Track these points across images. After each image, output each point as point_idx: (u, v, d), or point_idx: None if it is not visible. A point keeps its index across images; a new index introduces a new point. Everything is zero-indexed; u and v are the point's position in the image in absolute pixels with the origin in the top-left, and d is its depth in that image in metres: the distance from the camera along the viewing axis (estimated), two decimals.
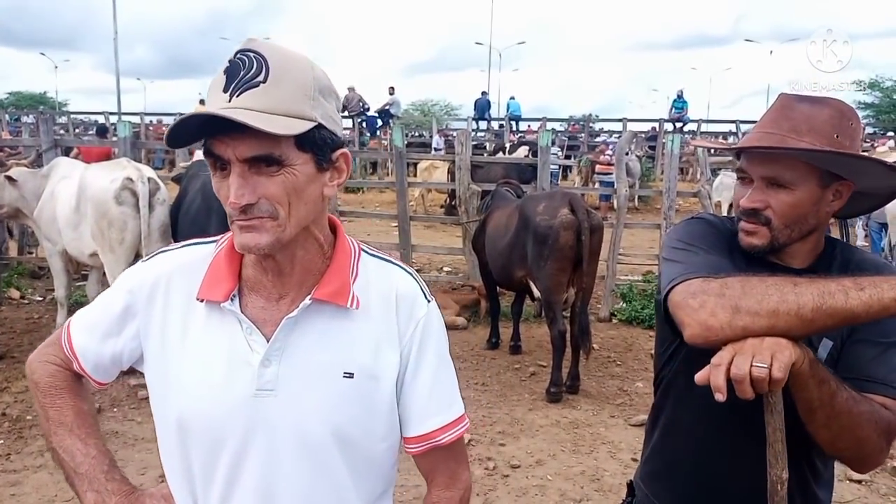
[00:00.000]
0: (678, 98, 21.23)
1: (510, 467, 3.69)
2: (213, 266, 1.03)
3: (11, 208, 5.50)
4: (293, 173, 0.93)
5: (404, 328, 1.05)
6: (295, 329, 1.00)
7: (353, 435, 1.02)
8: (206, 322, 1.02)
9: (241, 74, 0.90)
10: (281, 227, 0.94)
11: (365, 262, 1.08)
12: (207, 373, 1.00)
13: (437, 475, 1.13)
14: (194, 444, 1.02)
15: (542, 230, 4.64)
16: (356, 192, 15.16)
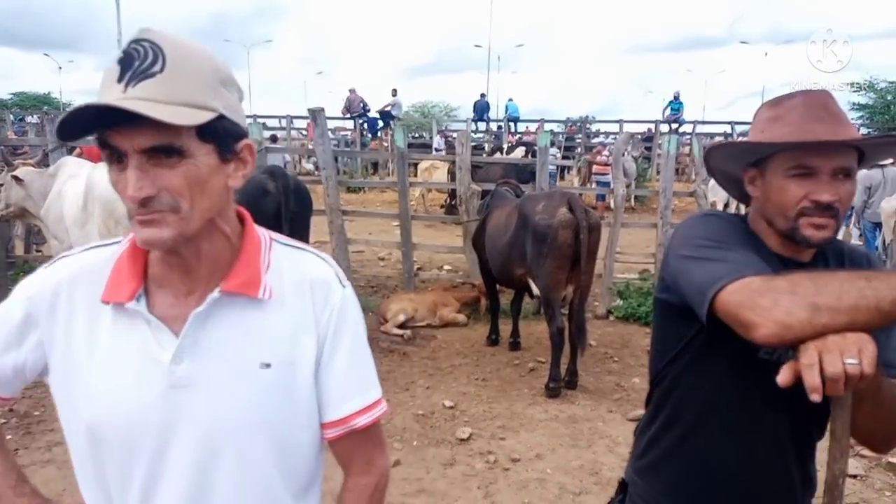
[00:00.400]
0: (674, 100, 21.32)
1: (510, 461, 3.78)
2: (117, 267, 1.00)
3: (18, 207, 5.56)
4: (195, 164, 0.90)
5: (320, 314, 1.04)
6: (206, 323, 0.97)
7: (274, 425, 1.00)
8: (113, 325, 0.98)
9: (136, 65, 0.87)
10: (184, 220, 0.91)
11: (277, 252, 1.06)
12: (116, 376, 0.97)
13: (353, 461, 1.12)
14: (108, 450, 0.98)
15: (541, 229, 4.73)
16: (358, 192, 15.25)
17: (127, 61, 0.87)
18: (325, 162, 6.91)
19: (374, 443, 1.12)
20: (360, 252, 9.00)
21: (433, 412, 4.41)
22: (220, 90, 0.92)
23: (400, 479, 3.56)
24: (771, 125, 1.25)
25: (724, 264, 1.15)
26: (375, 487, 1.12)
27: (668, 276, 1.30)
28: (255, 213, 4.25)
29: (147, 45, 0.87)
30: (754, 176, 1.30)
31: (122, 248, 1.02)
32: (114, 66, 0.88)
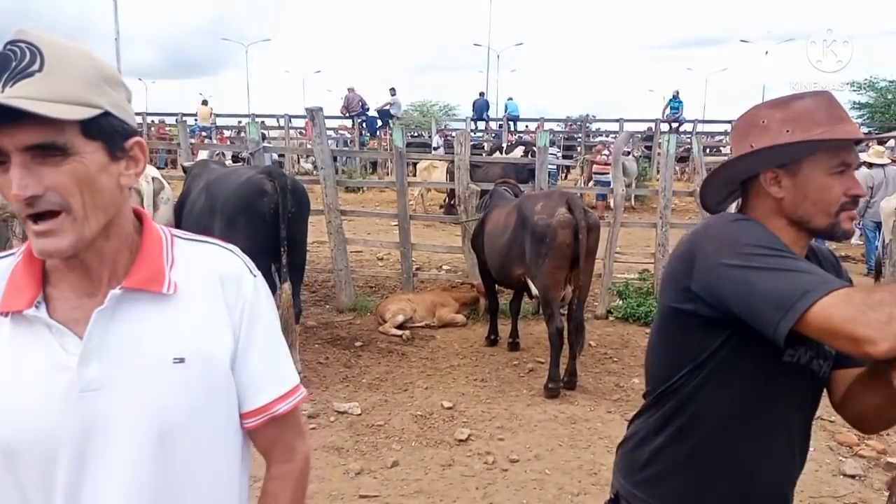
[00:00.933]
0: (673, 98, 21.30)
1: (509, 461, 3.77)
2: (13, 277, 0.98)
3: (6, 213, 5.57)
4: (81, 162, 0.89)
5: (233, 305, 1.04)
6: (111, 322, 0.96)
7: (195, 419, 1.00)
8: (13, 336, 0.95)
9: (14, 65, 0.86)
10: (78, 222, 0.90)
11: (180, 247, 1.05)
12: (24, 388, 0.94)
13: (275, 450, 1.13)
14: (25, 466, 0.95)
15: (540, 229, 4.72)
16: (356, 192, 15.23)
17: (3, 62, 0.86)
18: (324, 161, 6.89)
19: (294, 430, 1.14)
20: (359, 252, 8.99)
21: (432, 413, 4.39)
22: (103, 88, 0.92)
23: (398, 479, 3.55)
24: (799, 125, 1.26)
25: (805, 275, 1.14)
26: (300, 473, 1.14)
27: (704, 287, 1.25)
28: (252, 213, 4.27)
29: (24, 46, 0.87)
30: (777, 177, 1.30)
31: (16, 258, 1.00)
32: None
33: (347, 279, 6.94)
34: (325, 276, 7.67)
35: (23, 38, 0.87)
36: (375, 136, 19.87)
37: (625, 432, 1.56)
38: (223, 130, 21.97)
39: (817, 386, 1.37)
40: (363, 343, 5.77)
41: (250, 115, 21.38)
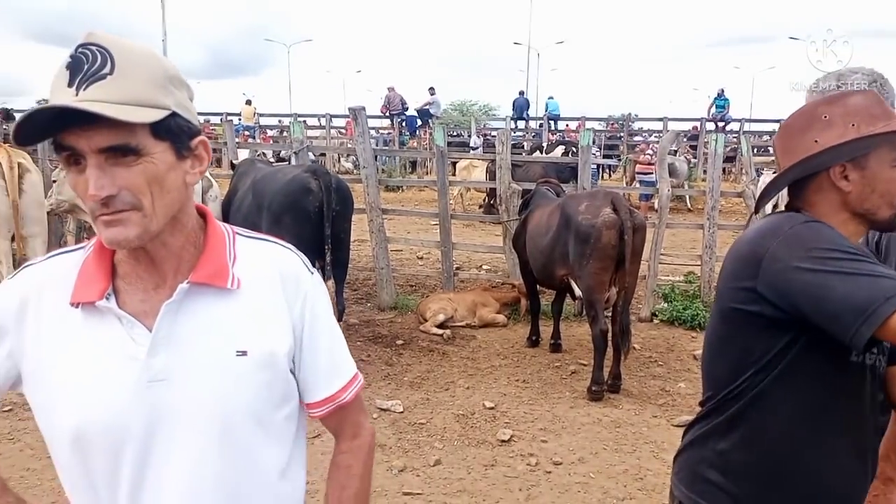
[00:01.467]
0: (719, 97, 20.83)
1: (552, 464, 3.73)
2: (83, 270, 1.01)
3: (70, 204, 5.75)
4: (152, 162, 0.92)
5: (292, 302, 1.07)
6: (178, 315, 0.99)
7: (254, 410, 1.03)
8: (85, 326, 0.98)
9: (86, 68, 0.88)
10: (147, 217, 0.93)
11: (242, 244, 1.08)
12: (94, 376, 0.97)
13: (343, 429, 1.20)
14: (94, 452, 0.98)
15: (584, 229, 4.66)
16: (396, 191, 15.32)
17: (76, 65, 0.88)
18: (366, 160, 6.94)
19: (358, 409, 1.21)
20: (399, 251, 9.03)
21: (473, 412, 4.38)
22: (169, 88, 0.94)
23: (441, 478, 3.55)
24: (862, 120, 1.29)
25: (884, 280, 1.15)
26: (368, 447, 1.21)
27: (772, 289, 1.25)
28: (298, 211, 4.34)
29: (95, 49, 0.89)
30: (846, 171, 1.32)
31: (86, 252, 1.04)
32: (62, 70, 0.89)
33: (388, 278, 6.97)
34: (366, 275, 7.73)
35: (93, 42, 0.89)
36: (415, 136, 19.95)
37: (677, 438, 1.55)
38: (266, 130, 22.32)
39: (877, 383, 1.36)
40: (404, 341, 5.79)
41: (292, 114, 21.68)
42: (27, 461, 3.62)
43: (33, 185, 5.40)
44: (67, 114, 0.85)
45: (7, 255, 5.27)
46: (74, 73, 0.88)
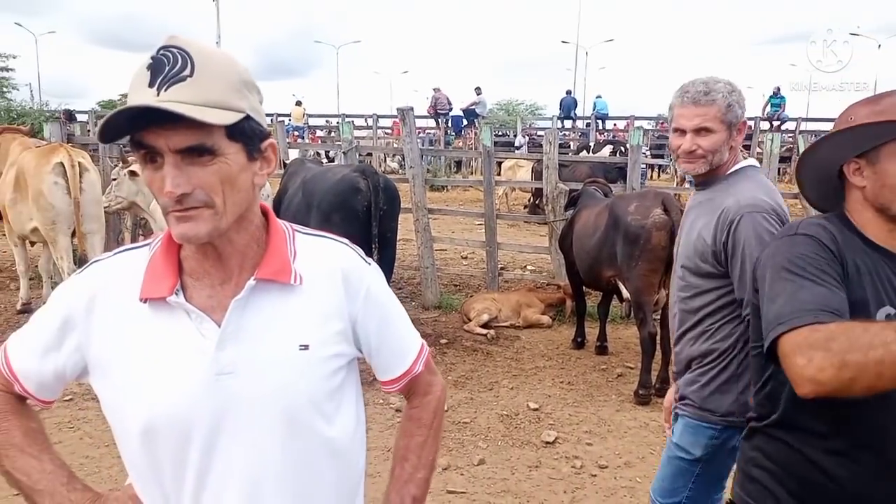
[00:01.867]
0: (774, 95, 20.20)
1: (598, 467, 3.68)
2: (151, 266, 1.04)
3: (128, 201, 5.97)
4: (226, 163, 0.95)
5: (354, 295, 1.11)
6: (245, 311, 1.02)
7: (316, 400, 1.06)
8: (154, 321, 1.01)
9: (167, 70, 0.91)
10: (218, 215, 0.96)
11: (301, 241, 1.11)
12: (163, 370, 1.00)
13: (416, 390, 1.27)
14: (162, 442, 1.01)
15: (633, 230, 4.59)
16: (440, 191, 15.37)
17: (157, 67, 0.92)
18: (413, 160, 6.98)
19: (430, 372, 1.28)
20: (444, 250, 9.05)
21: (517, 413, 4.36)
22: (244, 92, 0.97)
23: (485, 477, 3.54)
24: (883, 116, 1.29)
25: (788, 304, 1.19)
26: (438, 401, 1.28)
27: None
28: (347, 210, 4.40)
29: (175, 52, 0.92)
30: (860, 167, 1.33)
31: (153, 248, 1.07)
32: (143, 71, 0.92)
33: (433, 277, 7.00)
34: (410, 273, 7.78)
35: (174, 44, 0.92)
36: (461, 136, 19.98)
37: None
38: (315, 130, 22.69)
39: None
40: (448, 340, 5.80)
41: (340, 115, 21.99)
42: (86, 449, 3.77)
43: (92, 184, 5.62)
44: (148, 113, 0.88)
45: (68, 252, 5.50)
46: (155, 74, 0.91)
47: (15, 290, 6.75)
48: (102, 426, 4.03)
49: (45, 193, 5.37)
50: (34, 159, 5.50)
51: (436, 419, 1.27)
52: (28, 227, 5.65)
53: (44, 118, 14.56)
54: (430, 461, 1.25)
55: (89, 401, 4.40)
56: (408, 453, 1.23)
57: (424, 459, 1.23)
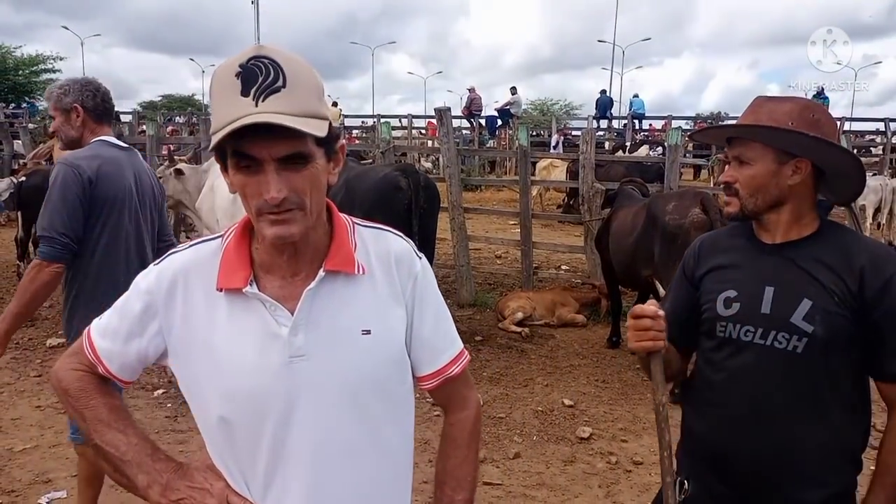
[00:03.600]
0: (817, 95, 19.74)
1: (633, 463, 3.72)
2: (225, 258, 1.11)
3: (174, 200, 6.14)
4: (315, 167, 1.02)
5: (405, 284, 1.17)
6: (315, 300, 1.08)
7: (380, 382, 1.13)
8: (231, 309, 1.09)
9: (260, 80, 0.95)
10: (307, 216, 1.03)
11: (360, 233, 1.17)
12: (241, 354, 1.07)
13: (451, 402, 1.28)
14: (238, 421, 1.08)
15: (671, 229, 4.59)
16: (475, 191, 15.42)
17: (249, 77, 0.96)
18: (450, 160, 7.07)
19: (465, 384, 1.29)
20: (478, 249, 9.12)
21: (552, 409, 4.41)
22: (323, 100, 1.04)
23: (520, 471, 3.61)
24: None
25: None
26: (475, 418, 1.29)
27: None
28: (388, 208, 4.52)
29: (266, 62, 0.97)
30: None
31: (225, 240, 1.14)
32: (231, 80, 0.97)
33: (468, 275, 7.07)
34: (445, 272, 7.86)
35: (263, 55, 0.98)
36: (495, 136, 20.01)
37: None
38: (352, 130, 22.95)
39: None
40: (483, 338, 5.87)
41: (375, 115, 22.19)
42: None
43: None
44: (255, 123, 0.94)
45: None
46: (248, 84, 0.96)
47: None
48: (151, 414, 4.21)
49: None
50: None
51: (472, 439, 1.28)
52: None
53: None
54: (470, 481, 1.27)
55: (139, 389, 4.59)
56: (446, 477, 1.26)
57: (463, 480, 1.26)
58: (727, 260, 1.54)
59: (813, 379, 1.39)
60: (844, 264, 1.40)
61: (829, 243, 1.45)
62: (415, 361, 1.22)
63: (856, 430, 1.45)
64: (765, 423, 1.43)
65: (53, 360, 5.10)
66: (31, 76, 31.90)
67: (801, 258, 1.44)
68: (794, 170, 1.45)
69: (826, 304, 1.37)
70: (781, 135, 1.42)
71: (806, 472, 1.42)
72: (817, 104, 1.51)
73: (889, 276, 1.36)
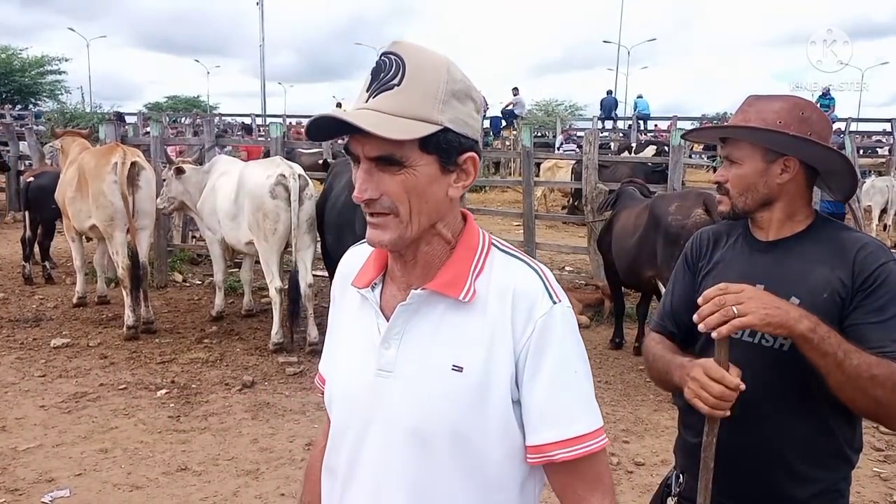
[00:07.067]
0: (823, 95, 19.64)
1: (634, 464, 3.71)
2: (369, 259, 1.11)
3: (179, 202, 6.17)
4: (413, 174, 0.95)
5: (521, 328, 0.99)
6: (413, 317, 1.02)
7: (461, 432, 0.98)
8: (357, 308, 1.10)
9: (382, 76, 0.94)
10: (403, 224, 0.96)
11: (493, 258, 1.05)
12: (348, 353, 1.08)
13: (564, 499, 1.04)
14: (333, 422, 1.10)
15: (674, 230, 4.58)
16: (478, 191, 15.41)
17: (376, 71, 0.95)
18: None
19: (585, 482, 1.02)
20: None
21: None
22: (451, 104, 0.96)
23: None
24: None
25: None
26: None
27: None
28: None
29: (394, 58, 0.94)
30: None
31: None
32: (369, 73, 0.96)
33: None
34: None
35: (394, 50, 0.95)
36: (499, 136, 20.00)
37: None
38: None
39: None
40: None
41: None
42: (140, 435, 3.96)
43: (148, 182, 5.85)
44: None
45: (123, 247, 5.74)
46: (373, 79, 0.95)
47: (70, 285, 7.07)
48: (154, 414, 4.23)
49: (105, 192, 5.62)
50: (93, 159, 5.75)
51: None
52: (87, 223, 5.92)
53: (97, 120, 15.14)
54: None
55: (142, 390, 4.61)
56: None
57: None
58: (723, 256, 1.55)
59: (800, 376, 1.38)
60: (837, 257, 1.40)
61: (822, 239, 1.45)
62: (524, 427, 1.01)
63: (844, 426, 1.44)
64: (753, 420, 1.42)
65: (57, 360, 5.15)
66: (36, 77, 32.06)
67: (793, 255, 1.44)
68: (783, 168, 1.44)
69: (815, 301, 1.37)
70: (765, 134, 1.42)
71: (794, 469, 1.42)
72: (808, 102, 1.50)
73: (883, 261, 1.37)
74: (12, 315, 6.25)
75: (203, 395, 4.55)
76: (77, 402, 4.40)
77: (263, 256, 5.38)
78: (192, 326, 6.07)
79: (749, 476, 1.45)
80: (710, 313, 1.28)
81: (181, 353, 5.36)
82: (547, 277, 1.03)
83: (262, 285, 6.47)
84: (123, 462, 3.63)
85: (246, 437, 3.92)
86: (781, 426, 1.42)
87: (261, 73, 29.79)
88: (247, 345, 5.60)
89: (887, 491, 3.49)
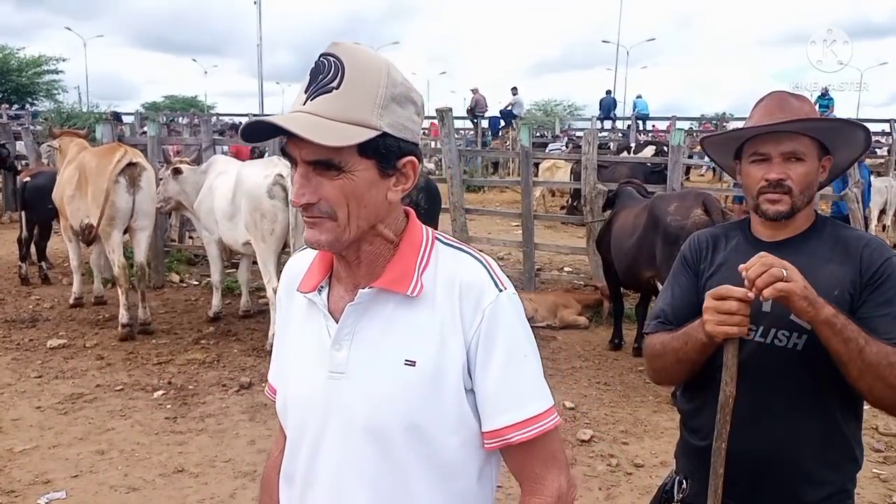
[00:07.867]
0: (822, 96, 19.67)
1: (633, 466, 3.70)
2: (313, 263, 1.10)
3: (175, 201, 6.15)
4: (352, 179, 0.94)
5: (470, 318, 1.00)
6: (363, 317, 1.01)
7: (417, 424, 0.99)
8: (303, 312, 1.09)
9: (320, 78, 0.92)
10: (340, 227, 0.96)
11: (437, 252, 1.05)
12: (300, 359, 1.07)
13: (522, 478, 1.06)
14: (289, 426, 1.10)
15: (673, 230, 4.57)
16: (477, 192, 15.41)
17: (315, 73, 0.94)
18: (451, 161, 7.06)
19: (543, 460, 1.04)
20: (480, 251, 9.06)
21: None
22: (391, 108, 0.94)
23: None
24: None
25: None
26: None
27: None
28: None
29: (332, 60, 0.93)
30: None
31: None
32: (307, 75, 0.95)
33: None
34: None
35: (333, 52, 0.94)
36: (498, 137, 20.00)
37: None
38: None
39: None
40: None
41: None
42: (137, 436, 3.94)
43: (149, 182, 5.81)
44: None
45: (119, 247, 5.71)
46: (312, 81, 0.94)
47: (67, 286, 7.04)
48: (151, 415, 4.20)
49: (106, 190, 5.58)
50: (95, 158, 5.71)
51: None
52: (84, 223, 5.89)
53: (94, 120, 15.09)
54: None
55: (139, 391, 4.59)
56: None
57: None
58: (726, 258, 1.53)
59: (813, 376, 1.38)
60: (844, 255, 1.41)
61: (826, 237, 1.46)
62: (478, 414, 1.03)
63: (854, 426, 1.44)
64: (765, 421, 1.41)
65: (54, 360, 5.13)
66: (33, 77, 32.00)
67: (801, 254, 1.43)
68: (822, 167, 1.46)
69: (827, 299, 1.35)
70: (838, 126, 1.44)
71: (806, 471, 1.41)
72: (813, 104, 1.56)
73: (888, 256, 1.40)
74: (8, 315, 6.23)
75: (200, 396, 4.53)
76: (73, 403, 4.38)
77: (261, 257, 5.36)
78: (189, 327, 6.04)
79: (761, 480, 1.43)
80: (759, 274, 1.25)
81: (178, 354, 5.34)
82: (491, 267, 1.05)
83: (260, 286, 6.44)
84: (120, 463, 3.61)
85: (243, 438, 3.90)
86: (795, 428, 1.41)
87: (258, 73, 29.83)
88: (244, 346, 5.58)
89: (887, 492, 3.48)
